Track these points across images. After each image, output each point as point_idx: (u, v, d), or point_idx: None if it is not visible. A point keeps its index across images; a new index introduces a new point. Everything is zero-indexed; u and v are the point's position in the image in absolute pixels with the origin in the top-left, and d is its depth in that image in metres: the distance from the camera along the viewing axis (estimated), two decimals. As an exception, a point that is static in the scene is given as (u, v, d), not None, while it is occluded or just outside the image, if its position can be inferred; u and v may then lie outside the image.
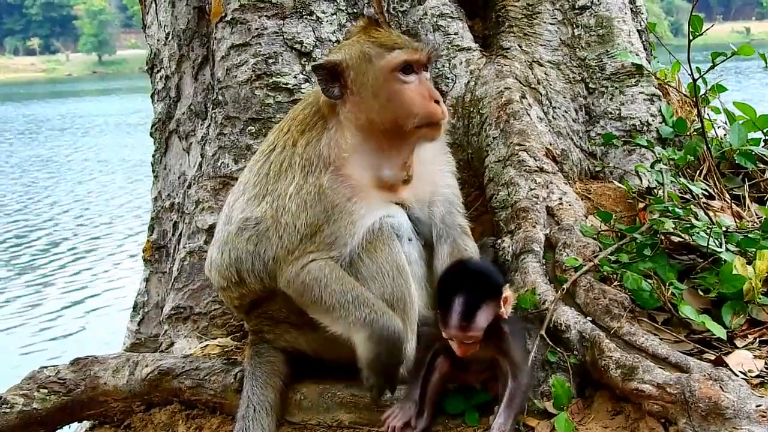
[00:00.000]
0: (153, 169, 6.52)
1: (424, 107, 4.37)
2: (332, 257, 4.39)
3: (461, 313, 3.96)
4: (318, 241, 4.37)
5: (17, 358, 12.12)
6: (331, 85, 4.45)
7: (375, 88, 4.40)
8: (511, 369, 4.09)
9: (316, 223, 4.36)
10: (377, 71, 4.39)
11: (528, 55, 5.99)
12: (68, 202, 25.11)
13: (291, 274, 4.40)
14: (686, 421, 3.76)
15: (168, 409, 4.95)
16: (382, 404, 4.37)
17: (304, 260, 4.37)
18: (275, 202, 4.49)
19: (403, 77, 4.39)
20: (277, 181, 4.52)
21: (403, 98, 4.37)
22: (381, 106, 4.40)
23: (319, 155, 4.42)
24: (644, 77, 6.05)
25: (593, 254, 4.77)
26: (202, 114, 6.02)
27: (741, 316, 4.49)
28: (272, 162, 4.59)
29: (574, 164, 5.81)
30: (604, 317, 4.38)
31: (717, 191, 5.54)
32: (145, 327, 6.27)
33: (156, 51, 6.41)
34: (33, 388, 4.94)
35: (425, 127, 4.40)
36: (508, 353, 4.11)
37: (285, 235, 4.41)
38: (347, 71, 4.43)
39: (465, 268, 4.28)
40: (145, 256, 6.40)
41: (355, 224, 4.39)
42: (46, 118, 51.45)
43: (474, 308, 3.98)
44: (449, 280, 4.17)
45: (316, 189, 4.37)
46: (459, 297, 3.98)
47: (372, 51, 4.42)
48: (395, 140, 4.47)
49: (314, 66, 4.48)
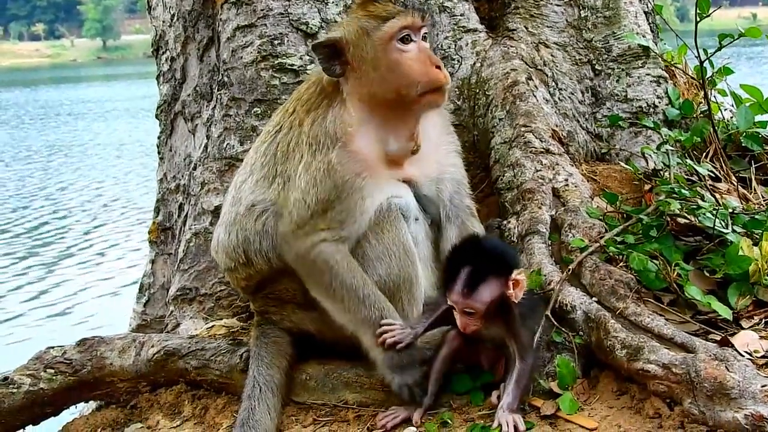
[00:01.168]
0: (158, 151, 6.52)
1: (425, 73, 4.36)
2: (342, 238, 4.40)
3: (465, 281, 3.99)
4: (330, 217, 4.38)
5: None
6: (331, 63, 4.46)
7: (375, 60, 4.40)
8: (519, 350, 4.10)
9: (327, 198, 4.37)
10: (375, 43, 4.39)
11: (534, 37, 5.97)
12: (104, 186, 24.90)
13: (301, 250, 4.42)
14: (691, 401, 3.76)
15: (174, 390, 4.96)
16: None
17: (315, 238, 4.38)
18: (286, 183, 4.51)
19: (401, 46, 4.38)
20: (286, 162, 4.54)
21: (404, 67, 4.37)
22: (382, 77, 4.40)
23: (326, 132, 4.42)
24: (651, 59, 6.04)
25: (599, 235, 4.77)
26: (208, 95, 6.01)
27: (747, 297, 4.48)
28: (279, 142, 4.60)
29: (580, 146, 5.80)
30: (610, 298, 4.38)
31: (723, 173, 5.53)
32: (151, 308, 6.27)
33: (161, 33, 6.40)
34: (39, 369, 4.95)
35: (429, 93, 4.40)
36: (516, 335, 4.11)
37: (295, 210, 4.43)
38: (347, 48, 4.44)
39: (480, 242, 4.32)
40: (151, 238, 6.40)
41: (365, 201, 4.40)
42: (60, 103, 51.14)
43: (478, 280, 3.99)
44: (462, 249, 4.20)
45: (325, 166, 4.37)
46: (467, 266, 4.00)
47: (368, 24, 4.41)
48: (400, 111, 4.47)
49: (314, 45, 4.49)
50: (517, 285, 4.09)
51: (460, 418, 4.21)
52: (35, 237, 19.28)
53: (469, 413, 4.23)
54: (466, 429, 4.08)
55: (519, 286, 4.10)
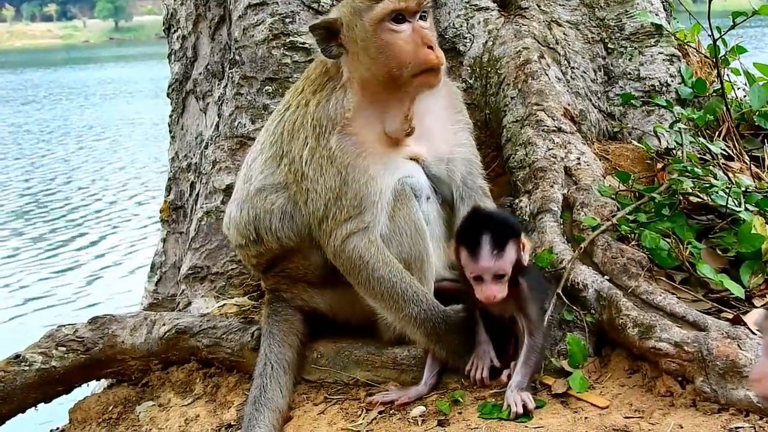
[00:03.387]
0: (170, 130, 6.52)
1: (415, 54, 4.32)
2: (369, 227, 4.40)
3: (491, 245, 3.99)
4: (345, 205, 4.38)
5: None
6: (328, 45, 4.46)
7: (366, 41, 4.37)
8: (527, 326, 4.11)
9: (334, 186, 4.38)
10: (366, 24, 4.36)
11: (546, 15, 5.94)
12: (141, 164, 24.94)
13: (334, 248, 4.44)
14: (703, 379, 3.77)
15: (185, 368, 4.98)
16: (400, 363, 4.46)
17: (341, 232, 4.40)
18: (292, 165, 4.53)
19: (393, 26, 4.34)
20: (291, 141, 4.55)
21: (394, 48, 4.34)
22: (372, 58, 4.37)
23: (328, 116, 4.44)
24: (663, 37, 5.99)
25: (611, 214, 4.75)
26: (219, 74, 6.00)
27: (759, 275, 4.47)
28: (286, 121, 4.62)
29: (592, 125, 5.77)
30: (622, 276, 4.37)
31: (736, 152, 5.51)
32: (163, 287, 6.29)
33: (173, 11, 6.39)
34: (51, 347, 4.97)
35: (422, 74, 4.36)
36: (525, 310, 4.12)
37: (309, 202, 4.45)
38: (341, 29, 4.43)
39: (486, 212, 4.35)
40: (163, 217, 6.42)
41: (377, 182, 4.39)
42: (84, 84, 51.18)
43: (502, 241, 4.00)
44: (472, 220, 4.20)
45: (327, 152, 4.39)
46: (486, 233, 4.00)
47: (362, 5, 4.38)
48: (394, 92, 4.44)
49: (311, 26, 4.50)
50: (524, 248, 4.12)
51: (471, 397, 4.21)
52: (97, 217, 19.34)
53: (480, 391, 4.23)
54: (477, 407, 4.09)
55: (526, 249, 4.14)
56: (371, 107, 4.46)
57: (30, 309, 13.26)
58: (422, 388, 4.32)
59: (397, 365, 4.46)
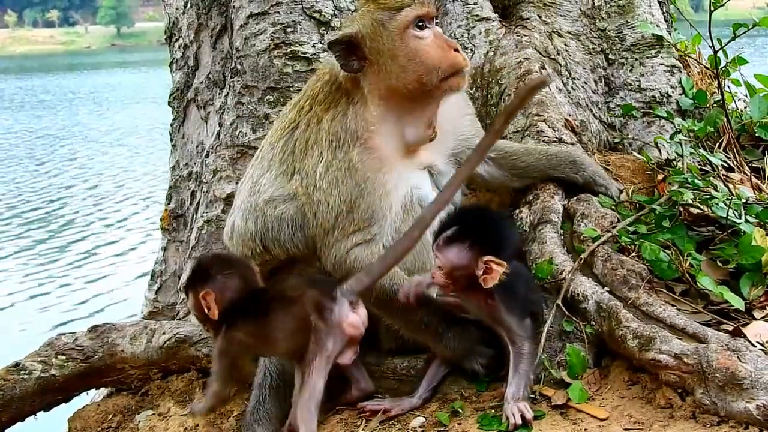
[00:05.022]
0: (171, 138, 6.52)
1: (445, 58, 4.37)
2: (374, 238, 4.41)
3: (445, 236, 4.05)
4: (356, 218, 4.39)
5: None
6: (349, 59, 4.44)
7: (393, 51, 4.38)
8: (508, 336, 4.11)
9: (349, 199, 4.38)
10: (392, 34, 4.37)
11: (548, 26, 5.95)
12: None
13: (336, 258, 4.44)
14: (703, 392, 3.76)
15: (185, 377, 4.99)
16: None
17: (347, 243, 4.41)
18: (305, 179, 4.51)
19: (417, 33, 4.38)
20: (304, 159, 4.53)
21: (423, 54, 4.36)
22: (402, 67, 4.38)
23: (347, 130, 4.43)
24: (664, 48, 6.00)
25: (611, 225, 4.75)
26: (221, 83, 6.00)
27: (759, 287, 4.46)
28: (297, 139, 4.59)
29: (593, 135, 5.77)
30: (622, 287, 4.37)
31: (736, 163, 5.50)
32: (163, 295, 6.28)
33: (174, 20, 6.40)
34: (51, 355, 4.97)
35: (450, 77, 4.40)
36: (501, 321, 4.12)
37: (319, 213, 4.44)
38: (363, 42, 4.42)
39: (480, 211, 4.43)
40: (163, 225, 6.42)
41: (390, 196, 4.42)
42: (94, 90, 51.27)
43: (454, 240, 4.02)
44: (464, 212, 4.30)
45: (346, 165, 4.39)
46: (453, 224, 4.06)
47: (383, 16, 4.39)
48: (420, 100, 4.47)
49: (330, 42, 4.47)
50: (489, 271, 3.97)
51: (471, 408, 4.22)
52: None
53: (480, 402, 4.24)
54: (476, 419, 4.08)
55: (492, 273, 3.96)
56: (392, 118, 4.48)
57: (30, 317, 13.26)
58: (415, 401, 4.32)
59: (396, 376, 4.46)
